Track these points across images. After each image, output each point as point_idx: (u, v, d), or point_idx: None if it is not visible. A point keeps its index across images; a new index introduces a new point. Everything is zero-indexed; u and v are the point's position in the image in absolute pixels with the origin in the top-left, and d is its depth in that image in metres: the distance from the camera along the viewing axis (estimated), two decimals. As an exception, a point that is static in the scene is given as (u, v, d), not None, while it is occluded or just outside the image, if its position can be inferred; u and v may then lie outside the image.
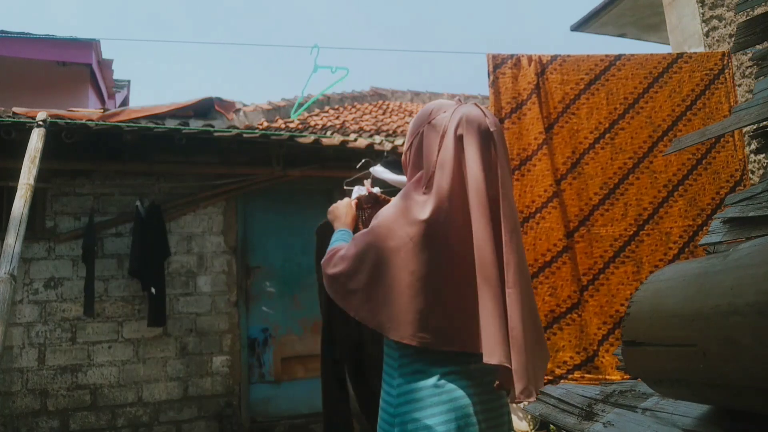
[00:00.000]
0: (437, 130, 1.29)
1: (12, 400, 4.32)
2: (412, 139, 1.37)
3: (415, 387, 1.17)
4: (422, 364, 1.19)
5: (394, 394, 1.20)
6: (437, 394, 1.15)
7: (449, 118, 1.28)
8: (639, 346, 1.19)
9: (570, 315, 2.59)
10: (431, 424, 1.12)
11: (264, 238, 5.32)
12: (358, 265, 1.26)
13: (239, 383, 4.91)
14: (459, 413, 1.14)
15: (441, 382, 1.16)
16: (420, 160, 1.32)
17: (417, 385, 1.17)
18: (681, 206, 2.75)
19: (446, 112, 1.31)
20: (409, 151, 1.38)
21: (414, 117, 1.41)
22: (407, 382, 1.19)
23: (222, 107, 5.51)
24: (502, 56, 2.82)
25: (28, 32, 6.05)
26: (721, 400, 1.08)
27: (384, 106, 7.59)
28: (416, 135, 1.35)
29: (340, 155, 4.93)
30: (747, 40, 1.92)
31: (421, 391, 1.16)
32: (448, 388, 1.16)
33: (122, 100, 8.44)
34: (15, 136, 3.94)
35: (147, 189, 4.86)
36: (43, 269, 4.54)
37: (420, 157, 1.32)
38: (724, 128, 1.84)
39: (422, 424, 1.13)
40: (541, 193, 2.67)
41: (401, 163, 1.49)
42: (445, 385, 1.16)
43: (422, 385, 1.17)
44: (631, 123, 2.81)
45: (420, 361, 1.19)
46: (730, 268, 0.98)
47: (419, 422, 1.13)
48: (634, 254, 2.69)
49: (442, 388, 1.16)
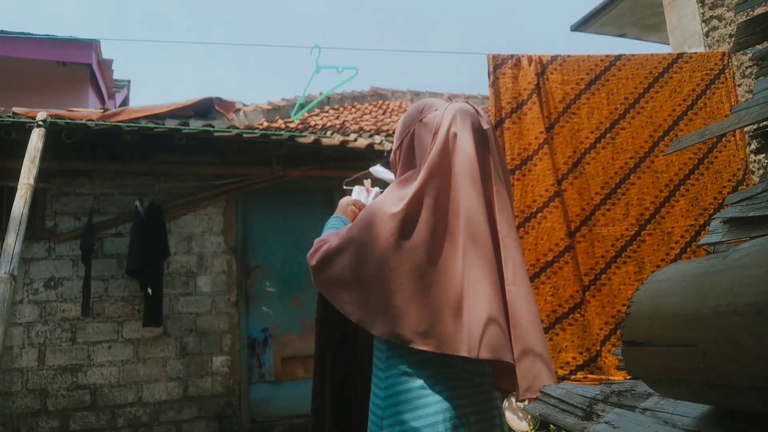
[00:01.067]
0: (429, 128, 1.27)
1: (12, 400, 4.32)
2: (402, 138, 1.34)
3: (402, 389, 1.16)
4: (410, 365, 1.17)
5: (382, 396, 1.19)
6: (425, 396, 1.14)
7: (442, 116, 1.26)
8: (639, 346, 1.19)
9: (572, 315, 2.59)
10: (419, 426, 1.11)
11: (264, 238, 5.32)
12: (340, 259, 1.25)
13: (239, 383, 4.91)
14: (447, 415, 1.12)
15: (428, 383, 1.15)
16: (411, 159, 1.30)
17: (405, 386, 1.16)
18: (683, 206, 2.75)
19: (438, 110, 1.28)
20: (399, 150, 1.35)
21: (403, 116, 1.38)
22: (395, 384, 1.17)
23: (222, 107, 5.51)
24: (503, 56, 2.82)
25: (28, 32, 6.05)
26: (721, 400, 1.08)
27: (384, 106, 7.59)
28: (406, 133, 1.32)
29: (340, 155, 4.93)
30: (747, 40, 1.92)
31: (408, 393, 1.15)
32: (436, 389, 1.14)
33: (122, 100, 8.44)
34: (15, 136, 3.94)
35: (147, 189, 4.86)
36: (43, 269, 4.54)
37: (411, 156, 1.30)
38: (724, 128, 1.84)
39: (410, 426, 1.12)
40: (542, 192, 2.67)
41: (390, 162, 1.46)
42: (433, 387, 1.14)
43: (410, 387, 1.16)
44: (632, 123, 2.81)
45: (408, 362, 1.17)
46: (730, 268, 0.98)
47: (407, 424, 1.12)
48: (635, 254, 2.69)
49: (430, 389, 1.14)
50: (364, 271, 1.21)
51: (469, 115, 1.26)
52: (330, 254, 1.27)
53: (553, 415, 1.81)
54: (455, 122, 1.24)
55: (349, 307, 1.23)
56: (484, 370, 1.24)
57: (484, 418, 1.20)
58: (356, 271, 1.22)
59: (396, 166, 1.38)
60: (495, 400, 1.26)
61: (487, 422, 1.21)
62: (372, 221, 1.22)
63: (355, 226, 1.26)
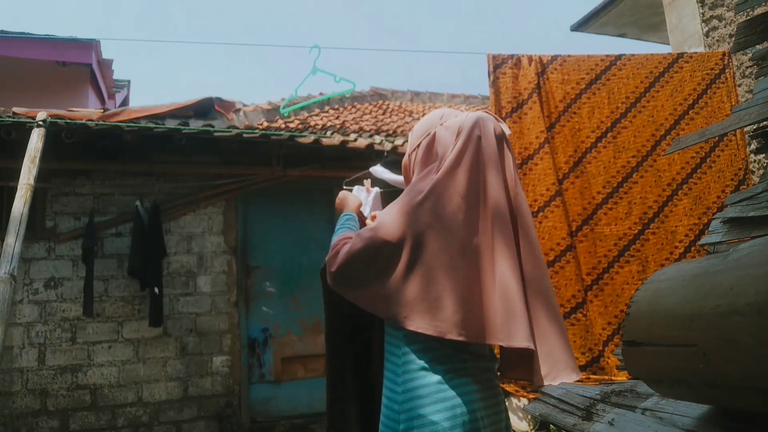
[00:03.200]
0: (452, 131, 1.33)
1: (12, 400, 4.32)
2: (420, 140, 1.39)
3: (420, 384, 1.19)
4: (427, 361, 1.20)
5: (399, 391, 1.21)
6: (442, 391, 1.17)
7: (464, 120, 1.33)
8: (639, 346, 1.19)
9: (574, 315, 2.58)
10: (437, 420, 1.14)
11: (264, 238, 5.32)
12: (367, 259, 1.26)
13: (239, 383, 4.91)
14: (463, 409, 1.16)
15: (445, 379, 1.18)
16: (429, 158, 1.35)
17: (423, 381, 1.19)
18: (686, 205, 2.75)
19: (458, 117, 1.36)
20: (416, 151, 1.40)
21: (420, 121, 1.43)
22: (413, 379, 1.20)
23: (222, 107, 5.51)
24: (503, 56, 2.82)
25: (28, 32, 6.05)
26: (721, 400, 1.08)
27: (384, 106, 7.58)
28: (426, 135, 1.38)
29: (340, 155, 4.92)
30: (747, 40, 1.92)
31: (426, 388, 1.18)
32: (452, 385, 1.18)
33: (122, 100, 8.44)
34: (15, 136, 3.94)
35: (147, 189, 4.86)
36: (43, 269, 4.54)
37: (429, 155, 1.35)
38: (725, 128, 1.84)
39: (428, 420, 1.15)
40: (543, 192, 2.67)
41: (402, 164, 1.49)
42: (449, 382, 1.18)
43: (427, 382, 1.19)
44: (633, 122, 2.81)
45: (425, 357, 1.21)
46: (730, 268, 0.98)
47: (425, 418, 1.15)
48: (639, 253, 2.69)
49: (446, 384, 1.18)
50: (393, 270, 1.23)
51: (489, 121, 1.34)
52: (355, 255, 1.27)
53: (553, 415, 1.81)
54: (478, 126, 1.31)
55: (379, 305, 1.24)
56: (491, 366, 1.28)
57: (493, 413, 1.24)
58: (384, 270, 1.24)
59: (410, 167, 1.43)
60: (501, 395, 1.30)
61: (496, 416, 1.25)
62: (398, 218, 1.25)
63: (379, 226, 1.27)
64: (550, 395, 1.90)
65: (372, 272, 1.25)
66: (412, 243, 1.22)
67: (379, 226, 1.27)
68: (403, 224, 1.24)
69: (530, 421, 3.95)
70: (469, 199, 1.25)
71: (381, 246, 1.24)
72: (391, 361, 1.27)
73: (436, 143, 1.34)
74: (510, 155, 1.34)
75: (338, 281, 1.31)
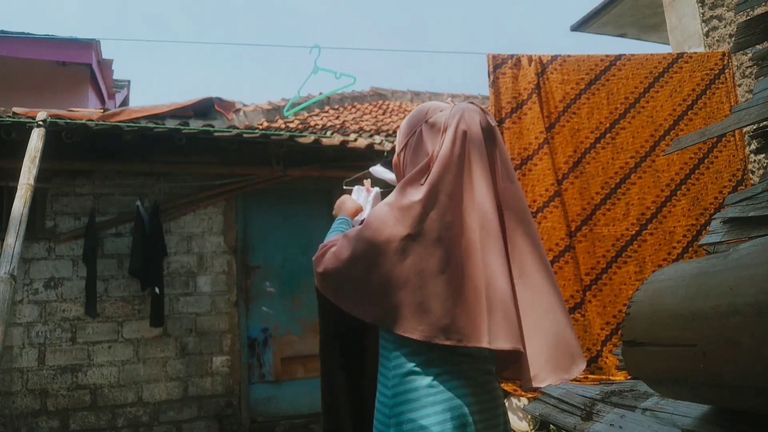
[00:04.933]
0: (437, 127, 1.29)
1: (12, 400, 4.32)
2: (407, 138, 1.36)
3: (410, 387, 1.16)
4: (417, 365, 1.17)
5: (389, 395, 1.19)
6: (433, 394, 1.14)
7: (449, 116, 1.29)
8: (639, 346, 1.19)
9: (573, 315, 2.59)
10: (427, 424, 1.12)
11: (264, 238, 5.32)
12: (353, 261, 1.23)
13: (239, 383, 4.91)
14: (455, 413, 1.13)
15: (436, 382, 1.15)
16: (417, 157, 1.31)
17: (412, 385, 1.16)
18: (684, 205, 2.75)
19: (443, 111, 1.31)
20: (404, 151, 1.36)
21: (406, 118, 1.39)
22: (402, 383, 1.17)
23: (222, 107, 5.51)
24: (503, 56, 2.82)
25: (28, 32, 6.06)
26: (721, 400, 1.08)
27: (384, 106, 7.58)
28: (412, 134, 1.34)
29: (340, 155, 4.93)
30: (747, 40, 1.92)
31: (416, 392, 1.15)
32: (443, 388, 1.15)
33: (122, 100, 8.44)
34: (15, 136, 3.94)
35: (147, 189, 4.86)
36: (43, 269, 4.54)
37: (418, 154, 1.31)
38: (724, 128, 1.84)
39: (418, 425, 1.12)
40: (542, 192, 2.67)
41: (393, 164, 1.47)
42: (441, 385, 1.15)
43: (417, 385, 1.16)
44: (632, 122, 2.81)
45: (415, 360, 1.18)
46: (730, 268, 0.98)
47: (415, 422, 1.13)
48: (636, 254, 2.69)
49: (438, 387, 1.15)
50: (379, 272, 1.20)
51: (475, 113, 1.29)
52: (339, 258, 1.26)
53: (553, 415, 1.81)
54: (463, 120, 1.27)
55: (364, 309, 1.22)
56: (488, 369, 1.25)
57: (489, 417, 1.21)
58: (370, 271, 1.21)
59: (400, 167, 1.39)
60: (500, 398, 1.27)
61: (492, 420, 1.22)
62: (384, 220, 1.22)
63: (366, 227, 1.25)
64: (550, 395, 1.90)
65: (357, 275, 1.22)
66: (399, 245, 1.19)
67: (365, 228, 1.25)
68: (390, 226, 1.20)
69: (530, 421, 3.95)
70: (456, 199, 1.22)
71: (366, 248, 1.21)
72: (383, 364, 1.25)
73: (423, 141, 1.30)
74: (499, 147, 1.29)
75: (323, 283, 1.29)
